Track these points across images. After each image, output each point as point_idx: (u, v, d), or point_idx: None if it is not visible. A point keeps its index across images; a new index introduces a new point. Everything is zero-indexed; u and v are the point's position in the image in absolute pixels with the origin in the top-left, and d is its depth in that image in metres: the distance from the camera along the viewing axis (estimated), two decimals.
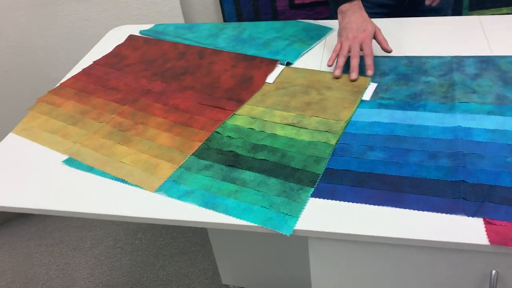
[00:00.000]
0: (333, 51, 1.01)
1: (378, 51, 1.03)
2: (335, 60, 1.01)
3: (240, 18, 1.85)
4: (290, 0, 1.82)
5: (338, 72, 0.98)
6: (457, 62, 0.97)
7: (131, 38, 1.30)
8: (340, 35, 1.02)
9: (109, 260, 1.75)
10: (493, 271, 0.67)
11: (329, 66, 1.00)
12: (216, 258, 1.45)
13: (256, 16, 1.85)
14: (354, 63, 0.97)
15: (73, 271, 1.73)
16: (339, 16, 1.04)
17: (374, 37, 0.99)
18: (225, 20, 1.83)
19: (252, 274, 1.43)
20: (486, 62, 0.96)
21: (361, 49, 0.98)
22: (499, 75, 0.92)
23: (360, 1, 1.04)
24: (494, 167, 0.73)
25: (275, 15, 1.86)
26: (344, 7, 1.02)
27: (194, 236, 1.80)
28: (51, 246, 1.84)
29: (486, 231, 0.64)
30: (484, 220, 0.66)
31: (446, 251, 0.68)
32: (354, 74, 0.96)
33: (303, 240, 0.76)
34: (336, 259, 0.75)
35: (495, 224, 0.65)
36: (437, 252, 0.68)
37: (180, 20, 1.73)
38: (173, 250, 1.76)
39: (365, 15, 1.01)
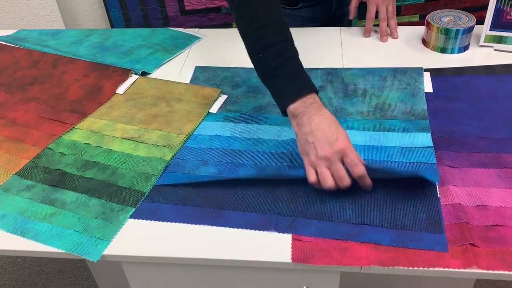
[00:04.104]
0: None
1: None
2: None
3: (128, 23, 1.78)
4: (180, 6, 1.78)
5: None
6: None
7: None
8: (304, 152, 0.70)
9: None
10: (304, 287, 0.67)
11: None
12: (94, 277, 1.38)
13: (145, 21, 1.80)
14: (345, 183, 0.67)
15: None
16: (291, 120, 0.72)
17: None
18: (112, 26, 1.76)
19: None
20: (331, 74, 0.97)
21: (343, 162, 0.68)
22: (341, 87, 0.94)
23: (316, 94, 0.72)
24: None
25: (166, 21, 1.81)
26: (295, 109, 0.70)
27: None
28: None
29: (292, 248, 0.63)
30: (292, 236, 0.65)
31: (258, 270, 0.67)
32: None
33: None
34: (154, 283, 0.72)
35: (301, 240, 0.64)
36: (250, 271, 0.67)
37: (60, 25, 1.64)
38: (56, 267, 1.65)
39: (328, 113, 0.70)
